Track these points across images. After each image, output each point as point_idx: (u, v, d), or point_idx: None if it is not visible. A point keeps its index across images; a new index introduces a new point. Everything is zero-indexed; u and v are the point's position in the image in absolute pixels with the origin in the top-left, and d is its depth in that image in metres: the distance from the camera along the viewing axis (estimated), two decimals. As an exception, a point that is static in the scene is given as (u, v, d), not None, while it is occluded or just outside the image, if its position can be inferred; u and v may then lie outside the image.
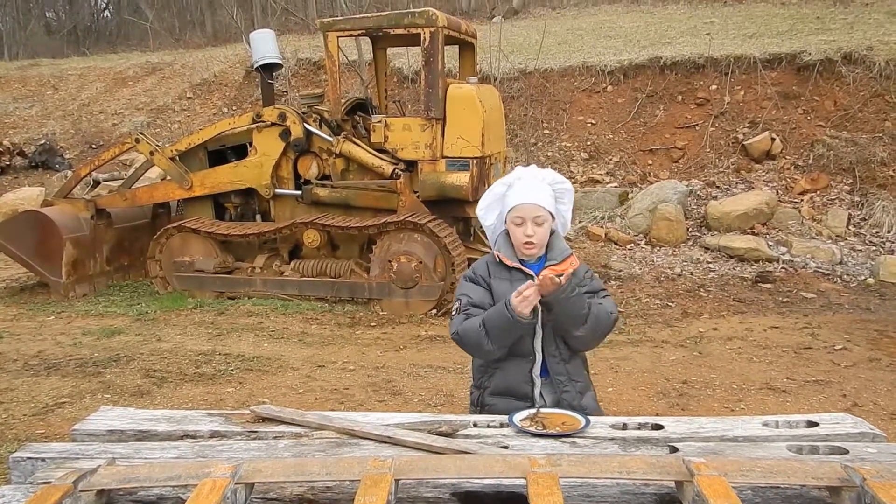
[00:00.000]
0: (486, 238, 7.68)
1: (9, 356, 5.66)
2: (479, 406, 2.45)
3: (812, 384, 4.84)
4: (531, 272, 2.33)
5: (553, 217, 2.35)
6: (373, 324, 6.45)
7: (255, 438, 2.00)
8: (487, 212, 2.46)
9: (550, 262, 2.34)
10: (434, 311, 6.60)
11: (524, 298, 2.16)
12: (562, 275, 2.20)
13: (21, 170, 13.40)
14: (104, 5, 32.96)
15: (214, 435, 2.02)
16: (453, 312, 2.40)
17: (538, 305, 2.27)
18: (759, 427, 1.96)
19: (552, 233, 2.39)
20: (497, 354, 2.33)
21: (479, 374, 2.45)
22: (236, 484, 1.53)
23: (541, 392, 2.34)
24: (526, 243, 2.32)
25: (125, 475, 1.60)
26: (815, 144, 9.61)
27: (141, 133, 8.00)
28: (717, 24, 13.93)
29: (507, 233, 2.40)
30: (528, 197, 2.31)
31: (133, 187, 7.81)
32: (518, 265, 2.35)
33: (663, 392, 4.76)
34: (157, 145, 7.63)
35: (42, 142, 13.67)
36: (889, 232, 8.35)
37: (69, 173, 10.21)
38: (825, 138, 9.58)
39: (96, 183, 8.94)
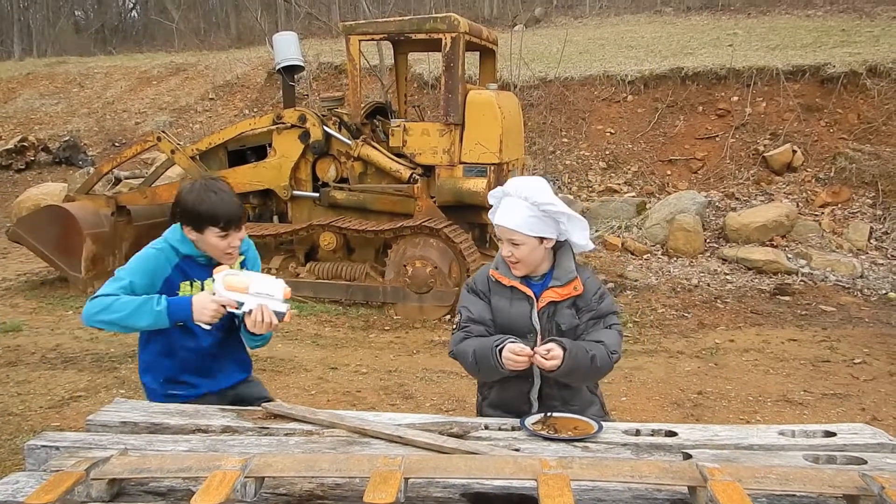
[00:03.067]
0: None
1: (27, 349, 5.73)
2: (478, 413, 2.44)
3: (830, 397, 4.77)
4: (530, 292, 2.25)
5: (544, 238, 2.22)
6: (386, 328, 6.45)
7: (266, 434, 2.01)
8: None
9: (554, 284, 2.25)
10: (448, 316, 6.58)
11: (515, 362, 2.09)
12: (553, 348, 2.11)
13: (45, 165, 13.60)
14: (132, 5, 33.44)
15: (226, 430, 2.03)
16: (454, 327, 2.36)
17: (535, 326, 2.24)
18: (776, 436, 1.94)
19: (558, 249, 2.28)
20: (492, 380, 2.31)
21: (481, 382, 2.44)
22: (246, 477, 1.53)
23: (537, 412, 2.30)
24: (508, 260, 2.27)
25: (137, 465, 1.61)
26: (838, 157, 9.50)
27: (163, 132, 8.08)
28: (741, 35, 13.85)
29: None
30: (502, 219, 2.23)
31: (154, 185, 7.88)
32: (515, 283, 2.26)
33: (677, 402, 4.71)
34: (179, 144, 7.70)
35: (66, 138, 13.87)
36: (911, 247, 8.24)
37: (91, 170, 10.33)
38: (848, 151, 9.48)
39: (118, 180, 9.05)
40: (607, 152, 10.77)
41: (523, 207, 2.20)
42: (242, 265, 2.51)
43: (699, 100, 10.88)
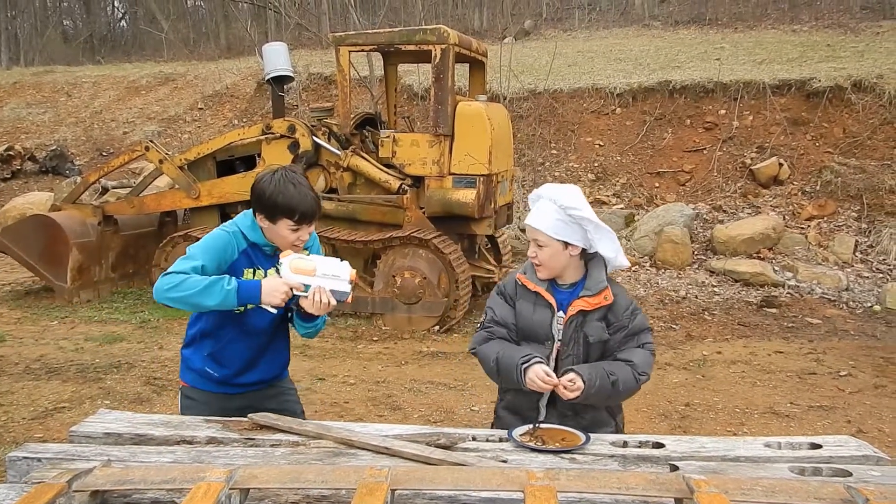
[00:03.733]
0: (492, 256, 7.61)
1: (11, 359, 5.67)
2: (495, 414, 2.49)
3: (816, 409, 4.79)
4: (553, 300, 2.26)
5: (569, 244, 2.24)
6: (375, 338, 6.44)
7: (251, 445, 1.99)
8: None
9: (585, 293, 2.25)
10: (437, 327, 6.58)
11: (538, 387, 2.14)
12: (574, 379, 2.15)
13: (31, 175, 13.50)
14: (120, 15, 33.37)
15: (211, 441, 2.02)
16: (478, 325, 2.41)
17: (554, 334, 2.26)
18: (762, 448, 1.94)
19: (590, 259, 2.30)
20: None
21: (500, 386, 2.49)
22: (231, 489, 1.52)
23: (545, 420, 2.31)
24: (532, 261, 2.31)
25: (120, 477, 1.59)
26: (823, 171, 9.59)
27: (151, 141, 8.05)
28: (728, 49, 13.98)
29: None
30: (530, 219, 2.28)
31: (141, 195, 7.85)
32: (540, 290, 2.28)
33: (665, 414, 4.72)
34: (167, 154, 7.67)
35: (53, 147, 13.77)
36: (896, 260, 8.32)
37: (78, 179, 10.27)
38: (833, 165, 9.57)
39: (105, 190, 8.99)
40: (596, 164, 10.82)
41: (551, 210, 2.24)
42: None
43: (687, 113, 10.97)
